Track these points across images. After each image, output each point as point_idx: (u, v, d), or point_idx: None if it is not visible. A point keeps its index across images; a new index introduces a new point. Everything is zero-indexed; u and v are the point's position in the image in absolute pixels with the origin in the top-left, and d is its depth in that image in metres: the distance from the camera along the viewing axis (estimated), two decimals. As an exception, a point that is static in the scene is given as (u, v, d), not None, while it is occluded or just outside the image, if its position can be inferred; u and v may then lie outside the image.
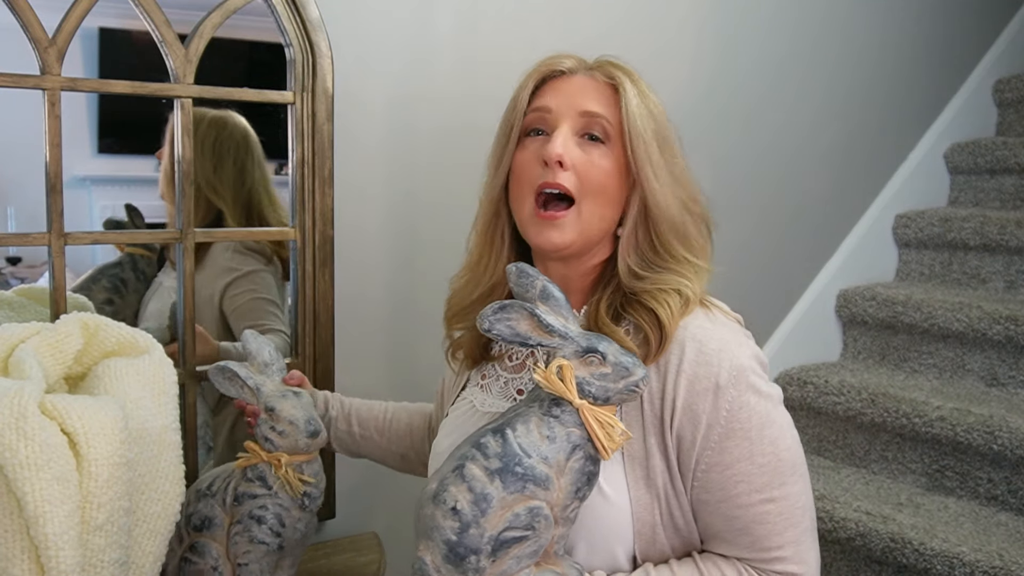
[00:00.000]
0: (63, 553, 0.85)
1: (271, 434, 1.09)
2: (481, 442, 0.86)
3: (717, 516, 0.93)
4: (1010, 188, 2.40)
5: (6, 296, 1.22)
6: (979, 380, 2.05)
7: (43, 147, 1.10)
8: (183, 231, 1.21)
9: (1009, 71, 2.58)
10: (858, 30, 2.19)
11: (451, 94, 1.53)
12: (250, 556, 1.09)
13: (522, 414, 0.87)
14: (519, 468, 0.84)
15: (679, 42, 1.84)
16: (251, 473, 1.11)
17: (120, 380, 0.99)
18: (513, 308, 0.88)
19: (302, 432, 1.09)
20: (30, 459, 0.83)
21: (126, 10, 1.16)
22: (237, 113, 1.33)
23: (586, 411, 0.86)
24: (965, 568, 1.59)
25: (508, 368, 1.08)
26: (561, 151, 0.95)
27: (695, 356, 0.92)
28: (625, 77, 0.99)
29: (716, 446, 0.91)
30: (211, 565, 1.10)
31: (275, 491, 1.10)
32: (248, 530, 1.09)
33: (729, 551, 0.94)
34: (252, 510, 1.09)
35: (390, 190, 1.49)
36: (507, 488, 0.83)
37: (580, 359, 0.87)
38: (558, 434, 0.86)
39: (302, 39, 1.26)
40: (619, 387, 0.87)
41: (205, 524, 1.11)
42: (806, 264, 2.24)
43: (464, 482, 0.84)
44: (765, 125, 2.03)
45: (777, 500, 0.92)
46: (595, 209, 0.97)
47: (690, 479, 0.93)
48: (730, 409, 0.91)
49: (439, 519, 0.84)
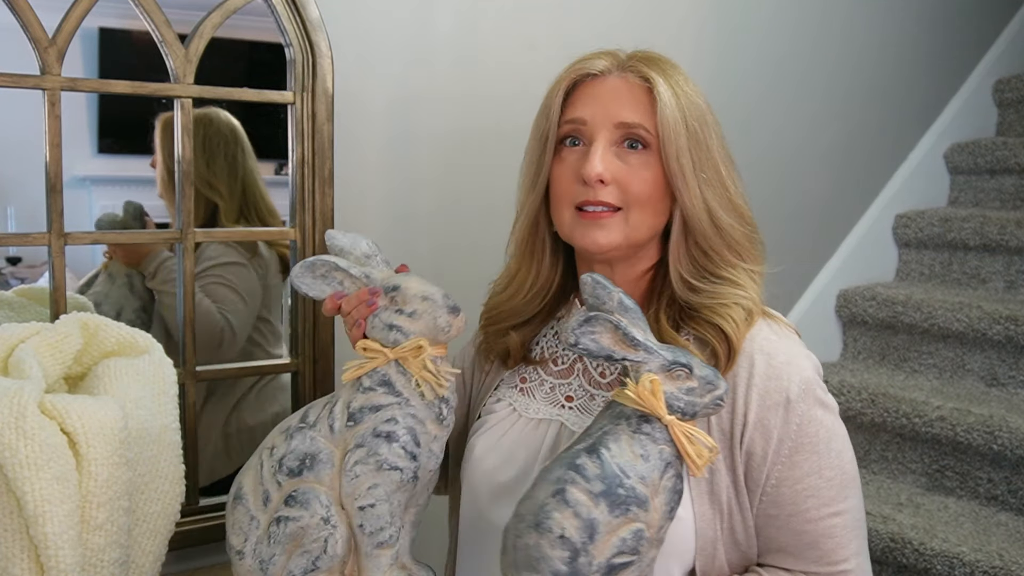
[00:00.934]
0: (63, 552, 0.85)
1: (398, 319, 0.88)
2: (577, 464, 0.81)
3: (785, 531, 0.92)
4: (1010, 188, 2.39)
5: (6, 296, 1.22)
6: (979, 380, 2.05)
7: (43, 147, 1.10)
8: (183, 231, 1.21)
9: (1009, 71, 2.58)
10: (858, 30, 2.19)
11: (451, 94, 1.53)
12: (377, 493, 0.84)
13: (609, 432, 0.83)
14: (621, 490, 0.79)
15: (679, 42, 1.84)
16: (369, 380, 0.88)
17: (120, 380, 0.99)
18: (598, 321, 0.84)
19: (441, 306, 0.88)
20: (30, 458, 0.84)
21: (126, 10, 1.16)
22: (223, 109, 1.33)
23: (676, 427, 0.82)
24: (965, 568, 1.59)
25: (553, 373, 1.04)
26: (601, 169, 0.92)
27: (765, 370, 0.92)
28: (660, 77, 0.94)
29: (786, 460, 0.91)
30: (320, 517, 0.84)
31: (406, 398, 0.87)
32: (374, 453, 0.84)
33: (795, 565, 0.93)
34: (376, 426, 0.85)
35: (390, 190, 1.49)
36: (612, 512, 0.79)
37: (666, 373, 0.83)
38: (651, 452, 0.82)
39: (302, 39, 1.26)
40: (705, 401, 0.84)
41: (305, 464, 0.86)
42: (806, 264, 2.24)
43: (568, 507, 0.78)
44: (765, 125, 2.03)
45: (843, 513, 0.92)
46: (643, 218, 0.94)
47: (758, 494, 0.92)
48: (800, 423, 0.91)
49: (546, 549, 0.78)
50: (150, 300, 1.29)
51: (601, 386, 1.01)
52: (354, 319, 0.92)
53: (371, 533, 0.86)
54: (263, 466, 0.89)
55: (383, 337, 0.88)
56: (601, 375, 1.01)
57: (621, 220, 0.94)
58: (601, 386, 1.01)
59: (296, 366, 1.33)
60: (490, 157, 1.54)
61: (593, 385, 1.01)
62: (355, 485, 0.84)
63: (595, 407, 0.99)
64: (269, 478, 0.88)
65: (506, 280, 1.08)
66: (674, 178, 0.93)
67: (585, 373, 1.02)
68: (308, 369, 1.34)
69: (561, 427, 1.00)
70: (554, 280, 1.05)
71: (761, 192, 2.07)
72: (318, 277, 0.92)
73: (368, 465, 0.84)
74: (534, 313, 1.06)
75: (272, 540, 0.86)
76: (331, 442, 0.86)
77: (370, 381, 0.88)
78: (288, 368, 1.34)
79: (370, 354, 0.89)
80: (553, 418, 1.01)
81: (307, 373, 1.33)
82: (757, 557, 0.95)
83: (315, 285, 0.92)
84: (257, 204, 1.36)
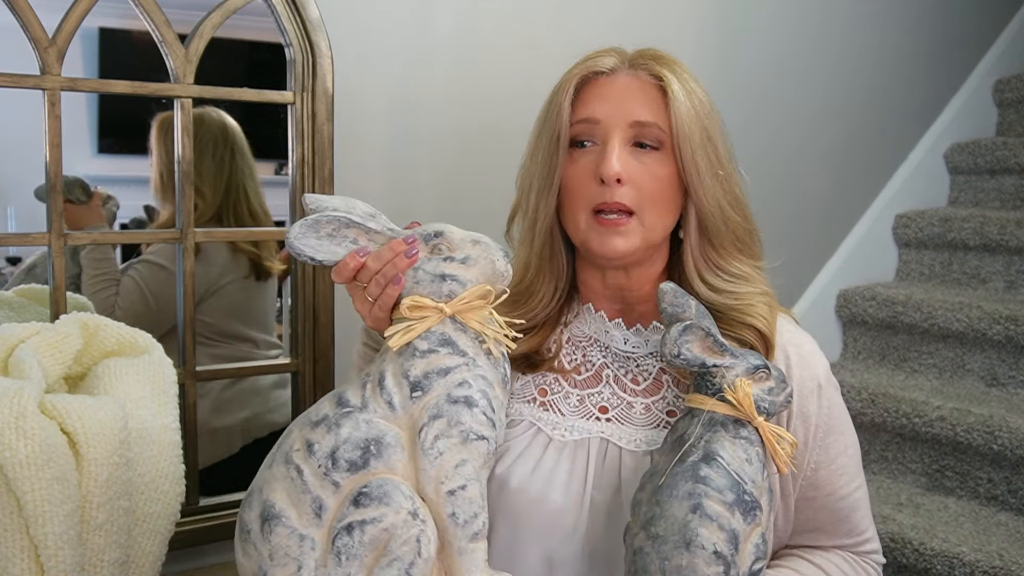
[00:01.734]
0: (63, 552, 0.85)
1: (451, 267, 0.76)
2: (702, 475, 0.80)
3: (823, 510, 0.97)
4: (1010, 188, 2.39)
5: (6, 296, 1.22)
6: (979, 380, 2.05)
7: (43, 147, 1.10)
8: (183, 231, 1.21)
9: (1009, 71, 2.57)
10: (858, 30, 2.19)
11: (451, 94, 1.53)
12: (466, 471, 0.71)
13: (712, 439, 0.83)
14: (747, 497, 0.80)
15: (679, 41, 1.84)
16: (427, 343, 0.74)
17: (120, 380, 0.99)
18: (692, 330, 0.84)
19: (495, 249, 0.78)
20: (30, 459, 0.84)
21: (126, 10, 1.16)
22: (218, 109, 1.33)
23: (765, 428, 0.84)
24: (965, 568, 1.59)
25: (579, 383, 0.99)
26: (619, 169, 0.90)
27: (798, 360, 0.95)
28: (671, 75, 0.93)
29: (821, 444, 0.95)
30: (408, 511, 0.69)
31: (472, 357, 0.75)
32: (457, 423, 0.71)
33: (828, 541, 0.98)
34: (450, 391, 0.72)
35: (390, 190, 1.49)
36: (745, 519, 0.80)
37: (751, 375, 0.85)
38: (752, 455, 0.83)
39: (302, 39, 1.26)
40: (781, 399, 0.86)
41: (370, 451, 0.70)
42: (806, 264, 2.24)
43: (712, 521, 0.78)
44: (765, 125, 2.03)
45: (862, 486, 0.99)
46: (657, 218, 0.93)
47: (799, 480, 0.95)
48: (829, 407, 0.96)
49: (702, 567, 0.77)
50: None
51: (637, 393, 0.97)
52: (388, 277, 0.80)
53: (465, 522, 0.72)
54: (301, 471, 0.72)
55: (433, 291, 0.76)
56: (634, 381, 0.98)
57: (637, 224, 0.92)
58: (637, 393, 0.97)
59: (296, 366, 1.33)
60: (490, 157, 1.54)
61: (628, 392, 0.98)
62: (440, 465, 0.70)
63: (635, 415, 0.96)
64: (318, 482, 0.71)
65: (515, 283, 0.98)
66: (690, 177, 0.92)
67: (616, 380, 0.98)
68: (308, 369, 1.34)
69: (604, 443, 0.95)
70: (568, 283, 1.01)
71: (761, 192, 2.07)
72: (324, 237, 0.77)
73: (452, 439, 0.71)
74: (546, 319, 1.01)
75: (344, 557, 0.69)
76: (393, 421, 0.72)
77: (427, 343, 0.74)
78: (288, 368, 1.34)
79: (423, 312, 0.75)
80: (593, 435, 0.95)
81: (307, 373, 1.33)
82: (788, 539, 0.99)
83: (322, 246, 0.77)
84: (237, 206, 1.36)
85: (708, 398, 0.85)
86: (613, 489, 0.92)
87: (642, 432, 0.95)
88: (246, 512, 0.76)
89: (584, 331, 1.01)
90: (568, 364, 1.00)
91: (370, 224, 0.78)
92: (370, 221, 0.79)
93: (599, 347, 1.00)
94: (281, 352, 1.44)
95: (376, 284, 0.81)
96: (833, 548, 0.99)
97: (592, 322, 1.00)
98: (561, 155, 0.94)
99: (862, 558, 1.00)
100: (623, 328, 0.99)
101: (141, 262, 1.32)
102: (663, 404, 0.96)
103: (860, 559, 1.00)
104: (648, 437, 0.94)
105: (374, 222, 0.79)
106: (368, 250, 0.80)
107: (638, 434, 0.95)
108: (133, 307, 1.30)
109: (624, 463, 0.93)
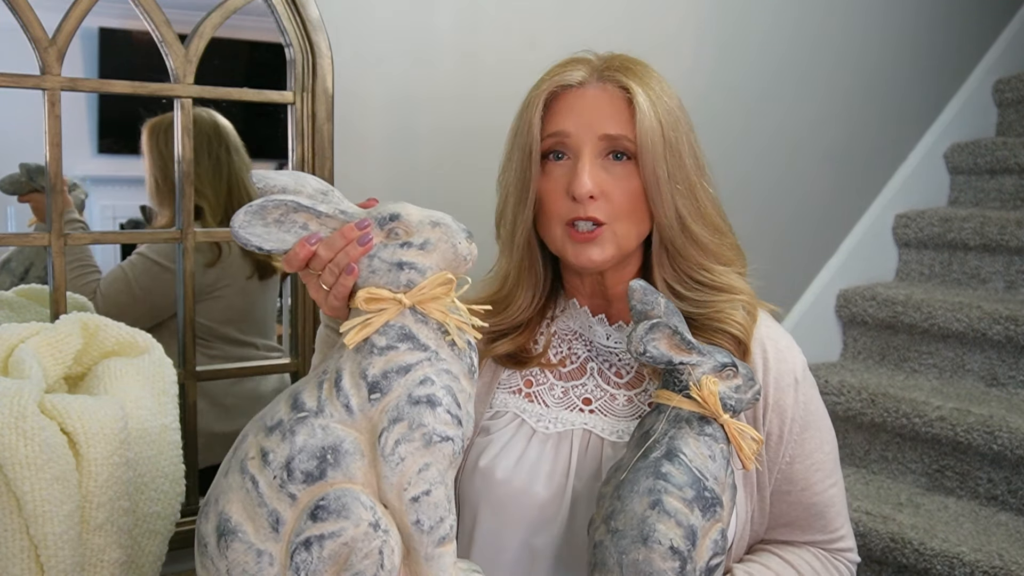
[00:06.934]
0: (63, 552, 0.85)
1: (408, 254, 0.71)
2: (663, 472, 0.82)
3: (796, 506, 0.98)
4: (1010, 188, 2.39)
5: (6, 296, 1.22)
6: (979, 380, 2.05)
7: (43, 147, 1.10)
8: (183, 231, 1.21)
9: (1009, 71, 2.57)
10: (858, 30, 2.19)
11: (451, 93, 1.53)
12: (430, 475, 0.67)
13: (676, 436, 0.85)
14: (707, 493, 0.82)
15: (679, 41, 1.84)
16: (384, 338, 0.69)
17: (120, 380, 0.99)
18: (659, 328, 0.86)
19: (456, 231, 0.72)
20: (30, 459, 0.84)
21: (126, 10, 1.16)
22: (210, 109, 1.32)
23: (731, 425, 0.85)
24: (965, 568, 1.59)
25: (563, 375, 1.02)
26: (591, 186, 0.92)
27: (775, 354, 0.97)
28: (637, 85, 0.94)
29: (797, 438, 0.96)
30: (368, 523, 0.66)
31: (434, 351, 0.71)
32: (419, 425, 0.67)
33: (801, 536, 1.00)
34: (411, 391, 0.68)
35: (390, 190, 1.49)
36: (704, 516, 0.81)
37: (718, 373, 0.86)
38: (716, 452, 0.85)
39: (302, 39, 1.26)
40: (748, 397, 0.87)
41: (327, 461, 0.67)
42: (806, 264, 2.24)
43: (671, 517, 0.80)
44: (765, 125, 2.03)
45: (838, 484, 1.00)
46: (629, 228, 0.95)
47: (775, 473, 0.97)
48: (805, 402, 0.97)
49: (657, 562, 0.79)
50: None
51: (620, 385, 1.00)
52: (340, 266, 0.74)
53: (431, 528, 0.69)
54: (256, 482, 0.68)
55: (391, 280, 0.71)
56: (617, 374, 1.01)
57: (610, 234, 0.94)
58: (620, 385, 1.00)
59: (296, 366, 1.33)
60: (491, 157, 1.53)
61: (611, 385, 1.01)
62: (402, 471, 0.66)
63: (618, 407, 0.99)
64: (273, 494, 0.68)
65: (495, 290, 1.04)
66: (649, 188, 0.94)
67: (600, 373, 1.02)
68: (308, 369, 1.34)
69: (587, 434, 0.97)
70: (548, 286, 1.05)
71: (761, 192, 2.08)
72: (271, 224, 0.71)
73: (414, 443, 0.67)
74: (528, 320, 1.04)
75: (303, 573, 0.66)
76: (351, 426, 0.68)
77: (386, 339, 0.69)
78: (288, 368, 1.34)
79: (379, 304, 0.70)
80: (576, 427, 0.98)
81: (307, 373, 1.33)
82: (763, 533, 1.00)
83: (269, 235, 0.72)
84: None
85: (674, 394, 0.86)
86: (594, 479, 0.94)
87: (624, 423, 0.98)
88: (203, 524, 0.73)
89: (570, 325, 1.05)
90: (554, 357, 1.03)
91: (320, 207, 0.71)
92: (320, 204, 0.72)
93: (583, 341, 1.03)
94: (281, 354, 1.44)
95: (330, 273, 0.76)
96: (805, 544, 1.00)
97: (577, 317, 1.04)
98: (534, 169, 0.96)
99: (834, 556, 1.01)
100: (606, 324, 1.02)
101: (137, 255, 1.32)
102: (645, 396, 0.99)
103: (832, 556, 1.01)
104: (630, 428, 0.96)
105: (325, 204, 0.73)
106: (319, 236, 0.74)
107: (620, 425, 0.98)
108: (116, 296, 1.29)
109: (606, 454, 0.96)
